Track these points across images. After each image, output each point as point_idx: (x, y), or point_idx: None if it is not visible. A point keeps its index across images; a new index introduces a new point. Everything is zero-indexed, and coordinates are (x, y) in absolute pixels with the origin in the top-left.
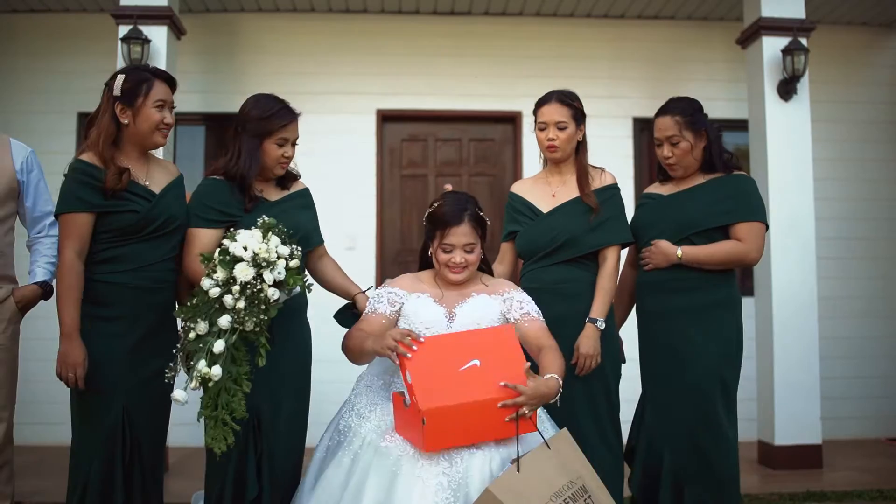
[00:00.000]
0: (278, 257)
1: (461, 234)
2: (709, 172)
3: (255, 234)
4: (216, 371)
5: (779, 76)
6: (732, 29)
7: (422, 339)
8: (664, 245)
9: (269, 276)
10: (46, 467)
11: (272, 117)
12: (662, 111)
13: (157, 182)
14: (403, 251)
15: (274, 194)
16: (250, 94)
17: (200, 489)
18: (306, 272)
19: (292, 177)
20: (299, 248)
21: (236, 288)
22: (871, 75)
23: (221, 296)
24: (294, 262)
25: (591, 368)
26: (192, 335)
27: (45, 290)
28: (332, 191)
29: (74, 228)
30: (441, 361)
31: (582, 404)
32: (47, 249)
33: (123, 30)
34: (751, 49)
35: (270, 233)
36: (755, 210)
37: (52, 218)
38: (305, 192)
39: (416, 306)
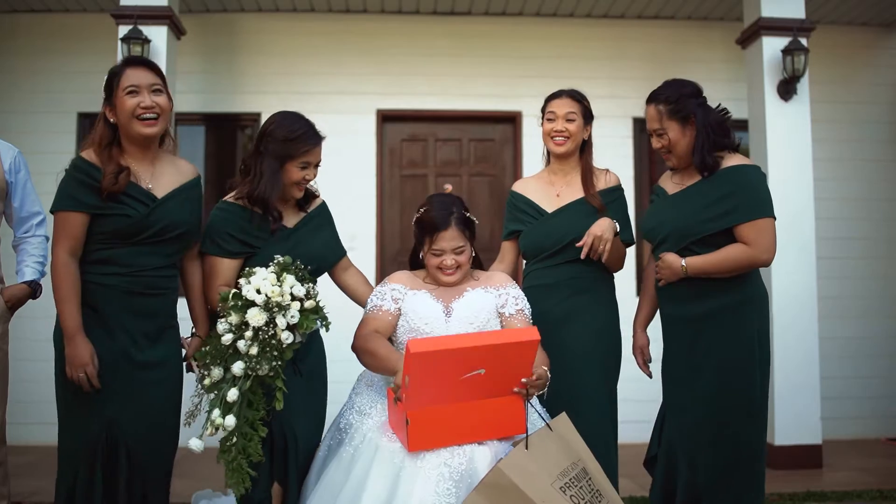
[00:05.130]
0: (293, 299)
1: (449, 238)
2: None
3: (269, 276)
4: (230, 421)
5: (779, 76)
6: (732, 29)
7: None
8: (670, 259)
9: (281, 321)
10: (44, 467)
11: (297, 140)
12: (649, 98)
13: (162, 185)
14: (403, 251)
15: (292, 218)
16: (250, 94)
17: (200, 489)
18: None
19: (311, 196)
20: (316, 287)
21: (249, 333)
22: (871, 75)
23: (234, 341)
24: (309, 304)
25: (598, 252)
26: (206, 381)
27: (33, 290)
28: (332, 190)
29: (67, 227)
30: (444, 370)
31: (581, 399)
32: (35, 249)
33: (123, 30)
34: (751, 49)
35: (285, 273)
36: (758, 205)
37: (40, 218)
38: (320, 211)
39: (414, 304)
